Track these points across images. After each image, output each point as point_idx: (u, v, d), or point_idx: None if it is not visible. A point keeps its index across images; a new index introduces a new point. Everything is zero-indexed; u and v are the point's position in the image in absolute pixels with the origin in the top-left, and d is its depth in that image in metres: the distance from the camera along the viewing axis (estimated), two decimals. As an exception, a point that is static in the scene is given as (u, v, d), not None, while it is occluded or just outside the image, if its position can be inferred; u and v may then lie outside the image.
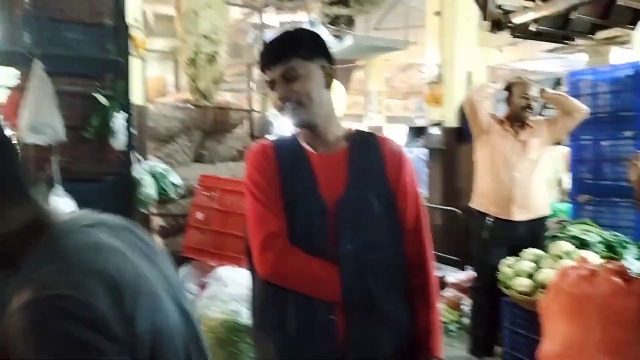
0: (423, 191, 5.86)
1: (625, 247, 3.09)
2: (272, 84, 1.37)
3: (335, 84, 5.22)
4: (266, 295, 1.37)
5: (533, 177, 3.26)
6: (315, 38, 1.40)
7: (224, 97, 4.31)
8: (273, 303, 1.35)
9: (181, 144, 3.87)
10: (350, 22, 7.62)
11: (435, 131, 5.34)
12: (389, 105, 12.95)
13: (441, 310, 4.29)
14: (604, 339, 2.32)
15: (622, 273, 2.40)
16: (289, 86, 1.33)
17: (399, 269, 1.41)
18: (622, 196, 3.62)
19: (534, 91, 3.31)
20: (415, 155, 6.30)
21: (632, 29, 5.29)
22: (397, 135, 10.78)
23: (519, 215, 3.24)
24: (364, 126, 11.25)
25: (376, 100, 11.44)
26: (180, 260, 3.65)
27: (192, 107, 3.93)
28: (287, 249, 1.32)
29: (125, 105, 2.93)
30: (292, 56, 1.33)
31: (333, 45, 6.98)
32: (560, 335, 2.44)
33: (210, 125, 3.89)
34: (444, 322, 4.17)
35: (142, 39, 3.56)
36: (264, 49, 1.41)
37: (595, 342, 2.32)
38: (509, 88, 3.39)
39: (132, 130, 2.98)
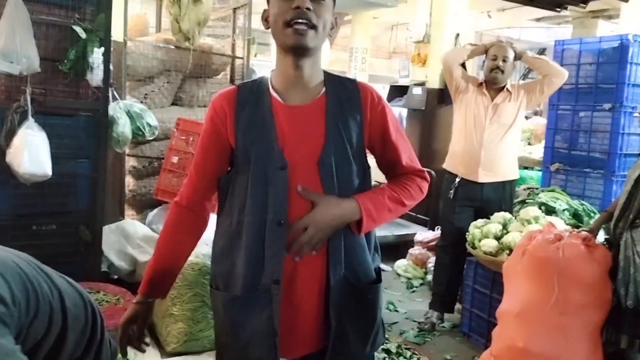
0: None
1: (590, 216, 3.19)
2: None
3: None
4: (217, 247, 1.36)
5: (503, 140, 3.29)
6: None
7: (207, 41, 4.19)
8: (221, 257, 1.33)
9: (159, 85, 3.78)
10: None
11: (417, 91, 5.33)
12: (372, 63, 12.80)
13: (407, 266, 4.40)
14: (562, 301, 2.42)
15: (587, 240, 2.49)
16: (313, 4, 1.21)
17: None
18: (593, 167, 3.71)
19: (509, 54, 3.29)
20: (398, 114, 6.30)
21: (625, 0, 5.28)
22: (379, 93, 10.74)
23: (485, 177, 3.29)
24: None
25: (360, 58, 11.30)
26: (152, 202, 3.64)
27: (174, 48, 3.82)
28: (176, 221, 1.40)
29: (104, 40, 2.84)
30: None
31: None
32: (520, 294, 2.53)
33: (191, 69, 3.80)
34: (409, 278, 4.29)
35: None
36: None
37: (553, 303, 2.42)
38: (486, 51, 3.38)
39: (110, 66, 2.90)
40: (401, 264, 4.46)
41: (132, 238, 3.18)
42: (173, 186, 3.35)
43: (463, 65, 3.48)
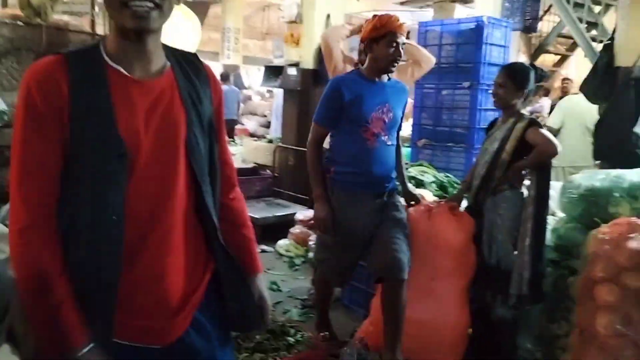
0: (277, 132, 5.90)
1: (454, 187, 3.44)
2: None
3: (190, 15, 4.87)
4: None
5: None
6: None
7: (62, 17, 3.83)
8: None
9: (7, 66, 3.39)
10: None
11: (292, 72, 5.34)
12: (246, 44, 12.64)
13: (289, 246, 4.45)
14: (434, 268, 2.58)
15: (453, 209, 2.67)
16: None
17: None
18: (456, 141, 3.99)
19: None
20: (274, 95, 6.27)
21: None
22: (254, 75, 10.65)
23: None
24: (219, 64, 10.90)
25: (233, 39, 11.09)
26: (5, 196, 3.27)
27: (23, 25, 3.44)
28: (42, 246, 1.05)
29: None
30: None
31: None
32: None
33: (44, 47, 3.44)
34: (291, 257, 4.34)
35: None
36: None
37: (428, 271, 2.58)
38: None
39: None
40: (283, 243, 4.49)
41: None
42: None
43: None
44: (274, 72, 5.64)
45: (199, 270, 1.24)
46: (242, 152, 5.95)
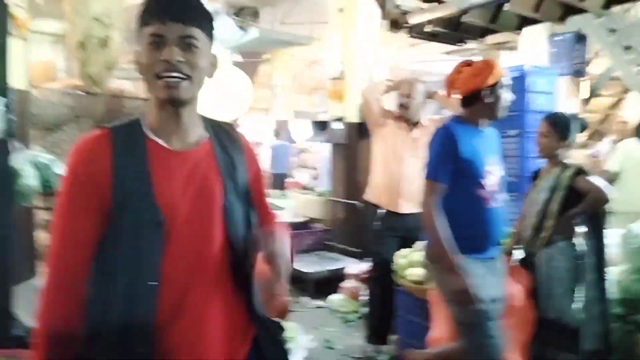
0: (327, 184, 5.94)
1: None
2: (154, 42, 1.11)
3: (243, 75, 5.06)
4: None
5: (421, 172, 3.37)
6: (213, 19, 1.20)
7: (118, 84, 4.07)
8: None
9: (69, 133, 3.61)
10: (255, 14, 7.54)
11: (337, 126, 5.41)
12: (295, 100, 12.98)
13: (341, 301, 4.37)
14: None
15: (507, 262, 2.57)
16: (184, 53, 1.11)
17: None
18: (509, 190, 3.87)
19: (413, 91, 3.40)
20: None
21: (519, 34, 5.71)
22: (303, 129, 10.87)
23: (406, 208, 3.35)
24: (270, 120, 11.21)
25: (282, 95, 11.43)
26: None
27: (82, 93, 3.68)
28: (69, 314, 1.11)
29: (2, 89, 2.67)
30: (194, 21, 1.13)
31: (238, 36, 6.84)
32: (447, 320, 2.55)
33: (101, 114, 3.65)
34: (344, 312, 4.25)
35: (24, 18, 3.28)
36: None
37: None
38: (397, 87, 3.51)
39: (10, 116, 2.72)
40: (335, 298, 4.42)
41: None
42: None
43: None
44: (320, 127, 5.73)
45: (239, 335, 1.23)
46: (293, 206, 6.00)
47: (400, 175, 3.36)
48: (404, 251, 3.24)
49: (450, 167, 2.16)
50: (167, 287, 1.12)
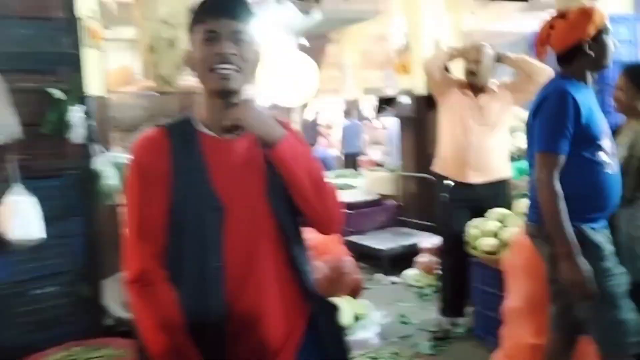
0: (397, 159, 5.90)
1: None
2: (208, 38, 1.20)
3: (307, 59, 5.11)
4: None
5: (490, 141, 3.28)
6: (255, 16, 1.28)
7: (189, 81, 4.26)
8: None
9: (147, 133, 3.85)
10: (317, -4, 7.50)
11: (405, 100, 5.34)
12: (366, 76, 12.86)
13: (416, 276, 4.37)
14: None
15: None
16: (236, 47, 1.20)
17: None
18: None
19: (482, 56, 3.28)
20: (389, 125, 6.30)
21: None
22: (370, 105, 10.80)
23: (475, 177, 3.28)
24: (340, 100, 11.21)
25: (352, 73, 11.38)
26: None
27: (156, 94, 3.89)
28: (154, 288, 1.21)
29: (81, 97, 2.90)
30: (244, 18, 1.23)
31: (302, 20, 6.89)
32: (522, 290, 2.51)
33: (175, 111, 3.85)
34: (420, 287, 4.25)
35: (98, 29, 3.52)
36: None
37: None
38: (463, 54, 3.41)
39: (90, 122, 2.95)
40: (411, 273, 4.43)
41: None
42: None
43: (446, 68, 3.51)
44: (387, 102, 5.68)
45: (296, 314, 1.31)
46: (364, 184, 6.03)
47: (467, 145, 3.28)
48: (475, 221, 3.19)
49: (571, 134, 1.95)
50: (230, 269, 1.22)
